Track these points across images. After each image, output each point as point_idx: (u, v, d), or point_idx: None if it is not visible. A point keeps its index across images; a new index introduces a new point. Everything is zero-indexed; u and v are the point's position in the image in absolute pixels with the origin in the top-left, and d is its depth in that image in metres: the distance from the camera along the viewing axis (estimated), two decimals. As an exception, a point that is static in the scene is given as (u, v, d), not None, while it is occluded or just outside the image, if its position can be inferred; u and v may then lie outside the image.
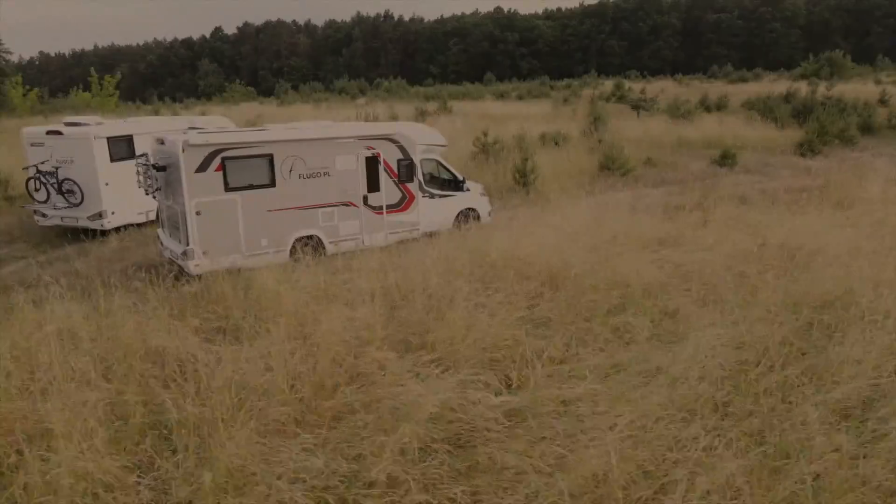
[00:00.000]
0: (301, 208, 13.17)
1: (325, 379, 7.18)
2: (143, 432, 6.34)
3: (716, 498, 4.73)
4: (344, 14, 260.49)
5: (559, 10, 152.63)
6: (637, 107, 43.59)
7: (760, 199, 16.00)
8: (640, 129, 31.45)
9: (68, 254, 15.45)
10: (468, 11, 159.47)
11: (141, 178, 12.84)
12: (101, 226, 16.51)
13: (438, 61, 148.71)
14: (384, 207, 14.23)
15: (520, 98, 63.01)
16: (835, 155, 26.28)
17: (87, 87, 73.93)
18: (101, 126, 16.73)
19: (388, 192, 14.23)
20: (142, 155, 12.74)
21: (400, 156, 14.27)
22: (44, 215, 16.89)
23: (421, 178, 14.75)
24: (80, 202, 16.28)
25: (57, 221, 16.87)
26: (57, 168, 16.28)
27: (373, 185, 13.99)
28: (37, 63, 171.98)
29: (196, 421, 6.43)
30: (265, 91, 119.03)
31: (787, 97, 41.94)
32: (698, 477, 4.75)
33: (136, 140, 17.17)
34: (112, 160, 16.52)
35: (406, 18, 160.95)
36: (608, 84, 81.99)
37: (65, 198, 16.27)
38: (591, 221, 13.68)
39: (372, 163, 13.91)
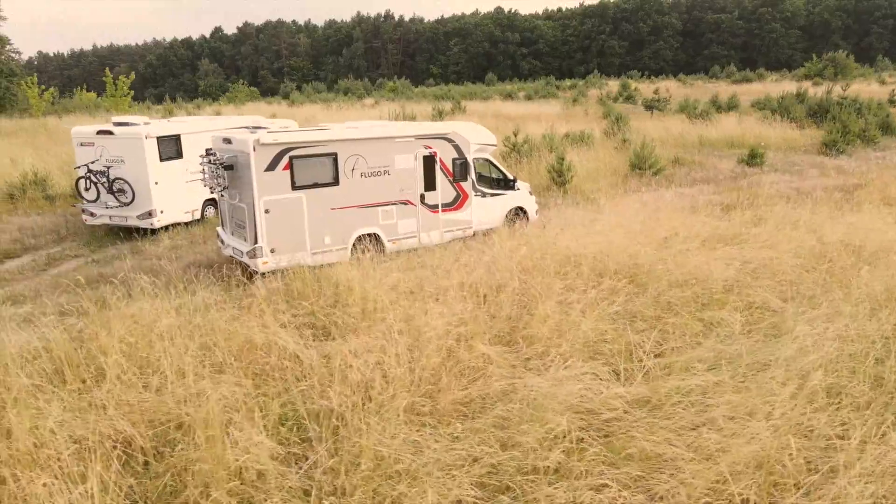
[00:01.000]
0: (362, 206, 13.35)
1: (441, 372, 7.36)
2: (281, 424, 6.50)
3: (873, 486, 4.94)
4: (344, 14, 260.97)
5: (559, 10, 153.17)
6: (650, 107, 43.92)
7: (801, 198, 16.20)
8: (661, 129, 31.69)
9: (122, 252, 15.60)
10: (468, 12, 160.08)
11: (207, 176, 12.97)
12: (151, 225, 16.65)
13: (439, 61, 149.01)
14: (440, 206, 14.41)
15: (528, 98, 63.20)
16: (858, 154, 26.57)
17: (90, 88, 73.76)
18: (151, 126, 16.85)
19: (444, 190, 14.42)
20: (210, 153, 12.87)
21: (455, 155, 14.46)
22: (92, 214, 17.01)
23: (474, 177, 14.95)
24: (131, 201, 16.41)
25: (105, 220, 16.99)
26: (108, 167, 16.41)
27: (429, 183, 14.18)
28: (35, 63, 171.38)
29: (328, 413, 6.63)
30: (266, 91, 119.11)
31: (800, 97, 42.22)
32: (859, 462, 4.96)
33: (183, 140, 17.34)
34: (161, 160, 16.67)
35: (406, 18, 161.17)
36: (613, 84, 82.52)
37: (115, 197, 16.39)
38: (645, 219, 13.90)
39: (429, 162, 14.09)
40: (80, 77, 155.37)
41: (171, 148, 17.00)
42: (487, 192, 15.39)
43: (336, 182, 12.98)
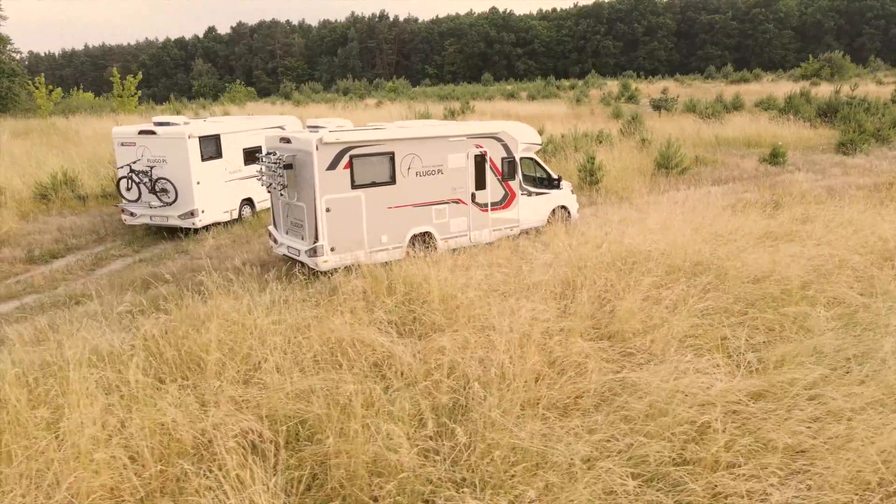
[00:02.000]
0: (417, 205, 13.43)
1: (545, 367, 7.46)
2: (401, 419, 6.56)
3: None
4: (338, 14, 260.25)
5: (554, 10, 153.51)
6: (658, 106, 44.20)
7: (837, 196, 16.41)
8: (676, 129, 31.88)
9: (168, 252, 15.61)
10: (463, 12, 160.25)
11: (265, 176, 13.00)
12: (193, 224, 16.63)
13: (434, 61, 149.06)
14: (489, 205, 14.51)
15: (531, 98, 63.39)
16: (874, 153, 26.88)
17: (86, 87, 73.23)
18: (193, 125, 16.86)
19: (493, 189, 14.52)
20: (270, 153, 12.89)
21: (504, 154, 14.57)
22: (132, 214, 16.97)
23: (520, 176, 15.06)
24: (174, 201, 16.39)
25: (146, 220, 16.96)
26: (151, 167, 16.39)
27: (480, 182, 14.28)
28: (26, 63, 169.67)
29: (447, 407, 6.72)
30: (261, 91, 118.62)
31: (804, 96, 42.59)
32: None
33: (222, 139, 17.35)
34: (203, 159, 16.67)
35: (401, 19, 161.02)
36: (611, 84, 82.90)
37: (158, 197, 16.37)
38: (693, 218, 14.04)
39: (480, 161, 14.19)
40: (71, 77, 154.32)
41: (211, 147, 17.00)
42: (533, 191, 15.50)
43: (393, 181, 13.05)
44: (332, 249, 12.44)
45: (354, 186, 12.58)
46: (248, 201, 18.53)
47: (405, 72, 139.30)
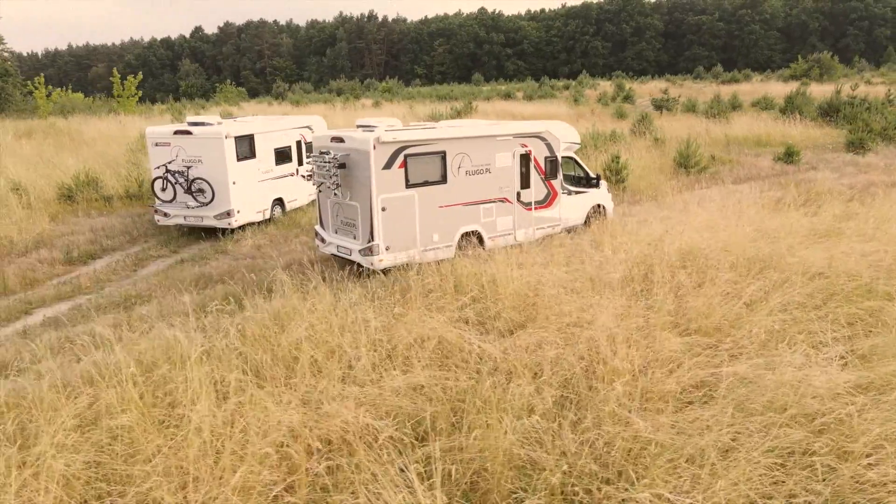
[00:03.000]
0: (466, 204, 13.50)
1: (646, 362, 7.56)
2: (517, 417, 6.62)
3: None
4: (326, 14, 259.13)
5: (543, 11, 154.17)
6: (660, 106, 44.61)
7: (868, 194, 16.69)
8: (684, 128, 32.18)
9: (207, 252, 15.54)
10: (451, 12, 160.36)
11: (316, 175, 13.00)
12: (229, 225, 16.57)
13: (423, 62, 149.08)
14: (532, 203, 14.61)
15: (529, 98, 63.64)
16: (882, 152, 27.32)
17: (74, 88, 72.38)
18: (228, 125, 16.80)
19: (537, 188, 14.62)
20: (324, 152, 12.87)
21: (547, 153, 14.68)
22: (165, 214, 16.86)
23: (561, 175, 15.18)
24: (211, 201, 16.32)
25: (179, 221, 16.87)
26: (187, 167, 16.31)
27: (524, 181, 14.38)
28: (9, 63, 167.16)
29: (563, 402, 6.81)
30: (250, 91, 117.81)
31: (804, 96, 43.09)
32: None
33: (256, 140, 17.30)
34: (238, 159, 16.62)
35: (390, 19, 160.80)
36: (604, 84, 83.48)
37: (194, 197, 16.29)
38: (735, 215, 14.23)
39: (525, 160, 14.29)
40: (55, 77, 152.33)
41: (246, 147, 16.96)
42: (572, 190, 15.63)
43: (444, 180, 13.11)
44: (388, 248, 12.48)
45: (409, 186, 12.63)
46: (279, 201, 18.50)
47: (394, 72, 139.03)
